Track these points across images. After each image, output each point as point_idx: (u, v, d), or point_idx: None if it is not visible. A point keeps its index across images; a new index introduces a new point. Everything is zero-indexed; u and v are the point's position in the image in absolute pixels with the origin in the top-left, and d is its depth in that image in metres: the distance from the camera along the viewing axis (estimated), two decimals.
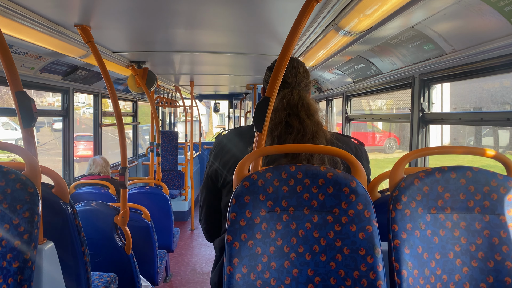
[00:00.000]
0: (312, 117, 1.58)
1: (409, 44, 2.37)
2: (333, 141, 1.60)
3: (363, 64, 3.25)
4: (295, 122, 1.56)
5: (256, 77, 6.04)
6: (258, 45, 3.38)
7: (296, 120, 1.56)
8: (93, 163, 4.27)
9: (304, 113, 1.58)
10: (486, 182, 1.44)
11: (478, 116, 2.29)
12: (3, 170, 1.56)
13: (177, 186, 7.32)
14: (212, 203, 1.80)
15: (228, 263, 1.32)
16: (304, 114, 1.57)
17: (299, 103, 1.59)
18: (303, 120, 1.56)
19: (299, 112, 1.57)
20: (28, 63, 3.11)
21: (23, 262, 1.49)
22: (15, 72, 1.72)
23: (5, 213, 1.52)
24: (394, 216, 1.40)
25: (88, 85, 4.56)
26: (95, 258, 2.78)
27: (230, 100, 11.00)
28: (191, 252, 5.67)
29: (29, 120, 1.74)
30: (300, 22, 1.46)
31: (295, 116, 1.57)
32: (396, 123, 11.46)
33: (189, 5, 2.18)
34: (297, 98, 1.60)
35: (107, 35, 2.96)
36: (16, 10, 2.12)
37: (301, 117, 1.56)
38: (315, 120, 1.58)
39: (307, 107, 1.59)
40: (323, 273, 1.34)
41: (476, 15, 1.73)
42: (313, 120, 1.57)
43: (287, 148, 1.47)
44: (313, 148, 1.47)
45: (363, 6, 1.88)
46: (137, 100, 6.91)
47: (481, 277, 1.41)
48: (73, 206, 1.95)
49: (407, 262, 1.36)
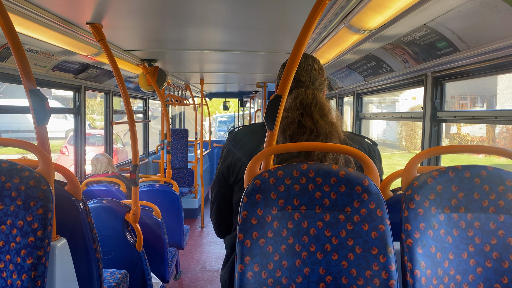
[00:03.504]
0: (326, 117, 1.57)
1: (422, 41, 2.35)
2: (347, 141, 1.58)
3: (375, 62, 3.23)
4: (308, 122, 1.54)
5: (266, 75, 6.03)
6: (270, 42, 3.38)
7: (309, 120, 1.54)
8: (97, 162, 4.26)
9: (318, 113, 1.56)
10: (501, 181, 1.42)
11: (492, 114, 2.26)
12: (17, 167, 1.58)
13: (187, 184, 7.35)
14: (223, 199, 1.80)
15: (239, 261, 1.32)
16: (317, 115, 1.56)
17: (312, 103, 1.58)
18: (317, 121, 1.54)
19: (312, 113, 1.56)
20: (40, 62, 3.15)
21: (36, 259, 1.51)
22: (29, 70, 1.74)
23: (19, 210, 1.54)
24: (407, 215, 1.39)
25: (100, 83, 4.59)
26: (107, 255, 2.81)
27: (239, 98, 11.00)
28: (201, 249, 5.69)
29: (43, 118, 1.76)
30: (312, 20, 1.45)
31: (308, 116, 1.55)
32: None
33: (201, 3, 2.18)
34: (310, 98, 1.58)
35: (118, 33, 2.98)
36: (30, 9, 2.14)
37: (314, 118, 1.55)
38: (329, 121, 1.56)
39: (321, 107, 1.58)
40: (335, 272, 1.33)
41: (491, 12, 1.70)
42: (327, 120, 1.56)
43: (299, 146, 1.46)
44: (324, 146, 1.46)
45: (375, 4, 1.87)
46: (148, 98, 6.94)
47: (495, 278, 1.39)
48: (86, 203, 1.96)
49: (420, 262, 1.35)
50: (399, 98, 16.99)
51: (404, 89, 3.47)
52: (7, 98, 14.18)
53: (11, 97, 14.07)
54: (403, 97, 16.76)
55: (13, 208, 1.54)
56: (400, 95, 16.52)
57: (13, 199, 1.54)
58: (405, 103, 16.92)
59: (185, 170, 7.37)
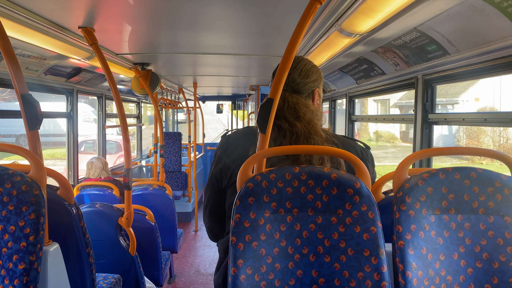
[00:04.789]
0: (301, 118, 1.57)
1: (412, 45, 2.37)
2: (332, 140, 1.59)
3: (366, 65, 3.25)
4: (285, 124, 1.56)
5: (259, 78, 6.04)
6: (262, 46, 3.39)
7: (286, 123, 1.56)
8: (91, 167, 4.23)
9: (291, 115, 1.57)
10: (490, 183, 1.44)
11: (481, 116, 2.29)
12: (8, 172, 1.57)
13: (180, 187, 7.33)
14: (216, 203, 1.80)
15: (232, 264, 1.33)
16: (291, 117, 1.57)
17: (284, 105, 1.59)
18: (293, 123, 1.55)
19: (286, 115, 1.57)
20: (32, 66, 3.13)
21: (29, 264, 1.50)
22: (21, 74, 1.73)
23: (11, 215, 1.53)
24: (398, 217, 1.40)
25: (92, 87, 4.58)
26: (100, 259, 2.80)
27: (233, 101, 11.01)
28: (195, 253, 5.67)
29: (35, 122, 1.75)
30: (303, 23, 1.46)
31: (282, 118, 1.57)
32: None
33: (193, 7, 2.19)
34: (281, 101, 1.59)
35: (110, 37, 2.98)
36: (21, 13, 2.14)
37: (289, 120, 1.56)
38: (306, 121, 1.57)
39: (294, 108, 1.58)
40: (328, 274, 1.34)
41: (480, 16, 1.73)
42: (303, 121, 1.56)
43: (291, 149, 1.47)
44: (317, 149, 1.47)
45: (366, 8, 1.89)
46: (141, 101, 6.92)
47: (485, 278, 1.41)
48: (78, 207, 1.96)
49: (411, 263, 1.36)
50: (458, 100, 15.83)
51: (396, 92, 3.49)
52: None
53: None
54: (463, 98, 15.62)
55: (5, 213, 1.53)
56: (460, 96, 15.52)
57: (4, 204, 1.54)
58: (466, 105, 15.63)
59: (179, 173, 7.36)
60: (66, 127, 4.38)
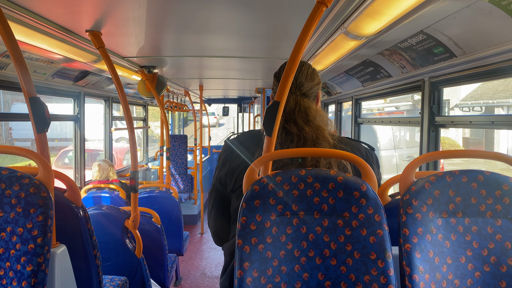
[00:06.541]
0: (311, 123, 1.56)
1: (418, 47, 2.37)
2: (337, 145, 1.58)
3: (372, 68, 3.25)
4: (294, 129, 1.55)
5: (265, 81, 6.05)
6: (268, 49, 3.40)
7: (295, 127, 1.55)
8: (99, 169, 4.26)
9: (301, 119, 1.56)
10: (498, 186, 1.43)
11: (489, 119, 2.27)
12: (17, 175, 1.58)
13: (186, 190, 7.34)
14: (221, 206, 1.80)
15: (238, 267, 1.33)
16: (301, 121, 1.56)
17: (296, 109, 1.58)
18: (302, 127, 1.54)
19: (296, 119, 1.56)
20: (40, 69, 3.16)
21: (36, 266, 1.51)
22: (29, 78, 1.75)
23: (19, 217, 1.54)
24: (405, 220, 1.40)
25: (99, 90, 4.61)
26: (107, 261, 2.81)
27: (239, 104, 11.02)
28: (200, 255, 5.68)
29: (43, 125, 1.77)
30: (309, 26, 1.46)
31: (292, 122, 1.56)
32: None
33: (200, 10, 2.20)
34: (293, 104, 1.58)
35: (117, 41, 3.00)
36: (30, 17, 2.16)
37: (299, 124, 1.55)
38: (315, 126, 1.56)
39: (305, 112, 1.58)
40: (334, 277, 1.34)
41: (487, 18, 1.72)
42: (312, 126, 1.56)
43: (297, 152, 1.47)
44: (322, 152, 1.47)
45: (372, 10, 1.88)
46: (147, 104, 6.95)
47: (493, 282, 1.39)
48: (85, 209, 1.97)
49: (418, 266, 1.36)
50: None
51: (402, 94, 3.48)
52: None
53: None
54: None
55: (13, 215, 1.54)
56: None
57: (13, 206, 1.55)
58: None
59: (185, 176, 7.37)
60: (73, 130, 4.41)
